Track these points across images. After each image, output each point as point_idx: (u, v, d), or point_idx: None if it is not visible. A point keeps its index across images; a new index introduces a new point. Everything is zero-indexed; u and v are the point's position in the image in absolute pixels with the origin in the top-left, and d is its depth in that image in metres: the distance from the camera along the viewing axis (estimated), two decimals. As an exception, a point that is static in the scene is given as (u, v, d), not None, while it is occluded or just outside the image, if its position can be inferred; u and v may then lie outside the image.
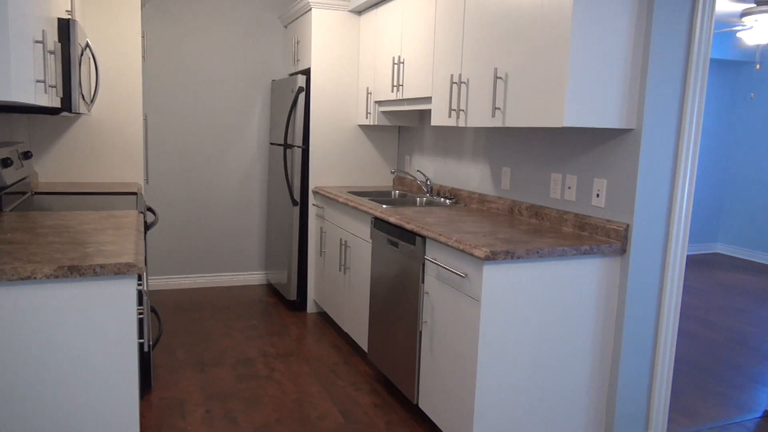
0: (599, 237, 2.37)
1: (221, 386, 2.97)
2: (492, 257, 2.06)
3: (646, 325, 2.37)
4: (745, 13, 4.30)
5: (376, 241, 3.04)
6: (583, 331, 2.31)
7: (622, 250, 2.29)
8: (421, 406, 2.61)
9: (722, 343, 3.90)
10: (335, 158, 4.11)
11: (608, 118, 2.20)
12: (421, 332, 2.59)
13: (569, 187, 2.58)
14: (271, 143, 4.64)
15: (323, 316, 4.13)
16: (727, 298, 4.99)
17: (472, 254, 2.12)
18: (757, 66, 4.65)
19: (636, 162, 2.23)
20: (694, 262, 6.35)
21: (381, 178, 4.29)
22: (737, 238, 6.71)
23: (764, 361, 3.61)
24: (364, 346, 3.27)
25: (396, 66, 3.49)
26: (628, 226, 2.27)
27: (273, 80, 4.64)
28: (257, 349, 3.48)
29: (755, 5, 4.21)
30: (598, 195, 2.42)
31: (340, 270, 3.58)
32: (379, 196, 3.87)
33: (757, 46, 5.00)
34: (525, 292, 2.18)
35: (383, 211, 2.97)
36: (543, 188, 2.76)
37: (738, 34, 4.66)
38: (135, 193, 3.12)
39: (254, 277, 4.84)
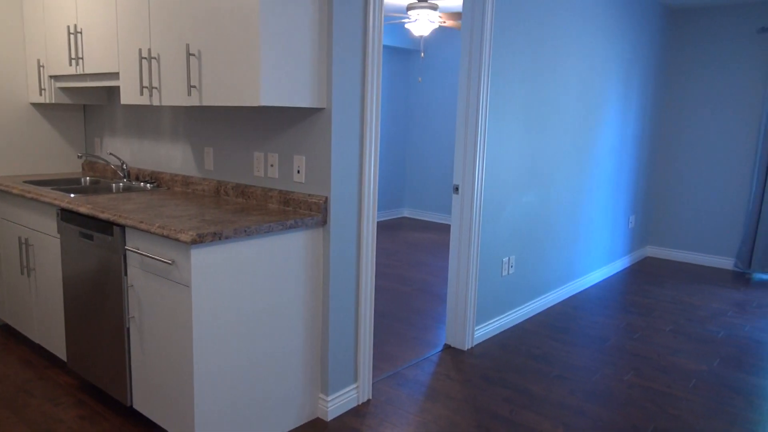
0: (302, 211, 2.51)
1: None
2: (199, 240, 2.02)
3: (348, 286, 2.61)
4: (409, 7, 4.96)
5: (66, 235, 2.69)
6: (294, 300, 2.44)
7: (323, 221, 2.47)
8: (136, 406, 2.44)
9: (411, 294, 4.54)
10: (3, 143, 3.48)
11: (302, 98, 2.33)
12: (128, 329, 2.41)
13: (272, 165, 2.66)
14: None
15: (6, 330, 3.51)
16: (413, 255, 5.81)
17: (177, 239, 2.04)
18: (422, 54, 5.41)
19: (329, 139, 2.41)
20: (385, 227, 7.21)
21: (67, 164, 3.79)
22: (419, 203, 7.82)
23: (443, 303, 4.32)
24: (63, 356, 2.89)
25: (73, 36, 3.09)
26: (326, 198, 2.46)
27: None
28: None
29: (416, 0, 4.88)
30: (298, 171, 2.55)
31: (22, 273, 3.07)
32: (67, 184, 3.42)
33: (421, 36, 5.82)
34: (236, 271, 2.19)
35: (71, 200, 2.64)
36: (247, 167, 2.79)
37: (406, 26, 5.35)
38: None
39: None
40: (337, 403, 2.64)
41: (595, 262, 4.95)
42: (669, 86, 5.79)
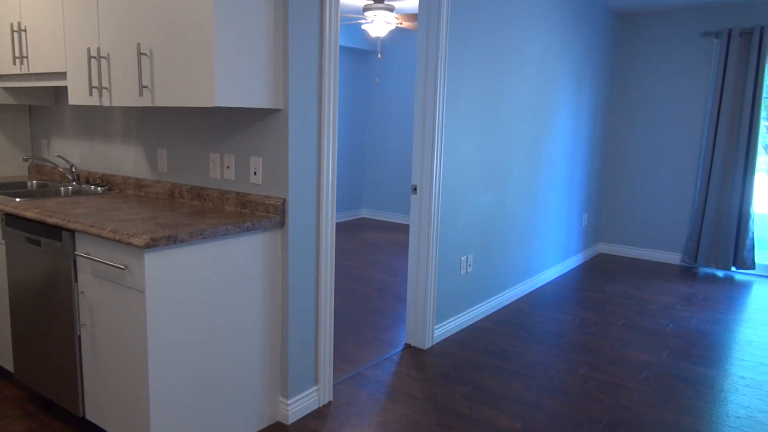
0: (260, 213, 2.49)
1: None
2: (153, 244, 1.97)
3: (307, 288, 2.60)
4: (366, 8, 4.96)
5: (11, 241, 2.59)
6: (253, 303, 2.41)
7: (282, 223, 2.45)
8: (89, 417, 2.37)
9: (371, 294, 4.55)
10: (-59, 145, 3.32)
11: (258, 99, 2.30)
12: (79, 337, 2.33)
13: (228, 167, 2.62)
14: None
15: (-54, 341, 3.35)
16: (373, 255, 5.82)
17: (130, 243, 1.99)
18: (379, 55, 5.42)
19: (286, 140, 2.39)
20: (344, 227, 7.19)
21: (12, 167, 3.64)
22: (378, 203, 7.84)
23: (402, 303, 4.34)
24: (10, 367, 2.78)
25: (17, 34, 2.98)
26: (284, 200, 2.44)
27: None
28: None
29: (373, 2, 4.89)
30: (255, 173, 2.52)
31: (-37, 282, 2.94)
32: (11, 188, 3.28)
33: (378, 37, 5.84)
34: (192, 275, 2.15)
35: (17, 205, 2.54)
36: (202, 169, 2.75)
37: (363, 26, 5.35)
38: None
39: None
40: (297, 406, 2.62)
41: (550, 260, 5.06)
42: (618, 89, 5.97)
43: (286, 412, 2.58)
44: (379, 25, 5.08)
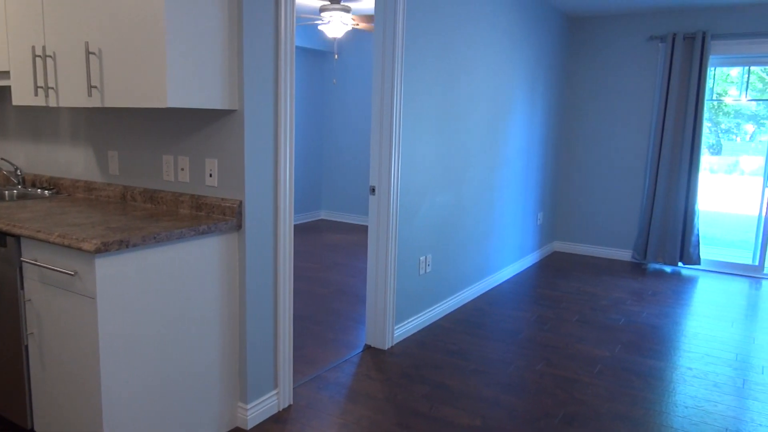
0: (216, 216, 2.45)
1: None
2: (104, 249, 1.91)
3: (265, 291, 2.57)
4: (322, 9, 4.95)
5: (-49, 248, 2.47)
6: (210, 308, 2.36)
7: (238, 226, 2.42)
8: (37, 429, 2.28)
9: (330, 296, 4.53)
10: None
11: (212, 99, 2.26)
12: (27, 346, 2.24)
13: (182, 169, 2.57)
14: None
15: None
16: (332, 257, 5.80)
17: (80, 248, 1.92)
18: (335, 56, 5.41)
19: (242, 141, 2.36)
20: (303, 229, 7.15)
21: (-50, 170, 3.47)
22: (336, 205, 7.82)
23: (361, 304, 4.34)
24: (-50, 379, 2.65)
25: (-46, 32, 2.84)
26: (241, 202, 2.40)
27: None
28: None
29: (329, 2, 4.87)
30: (211, 175, 2.48)
31: None
32: (-50, 192, 3.13)
33: (335, 38, 5.83)
34: (146, 281, 2.10)
35: (-44, 210, 2.42)
36: (156, 171, 2.68)
37: (320, 27, 5.33)
38: None
39: None
40: (257, 411, 2.59)
41: (507, 258, 5.15)
42: (570, 90, 6.13)
43: (245, 417, 2.54)
44: (335, 26, 5.07)
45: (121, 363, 2.05)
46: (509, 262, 5.21)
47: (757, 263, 5.49)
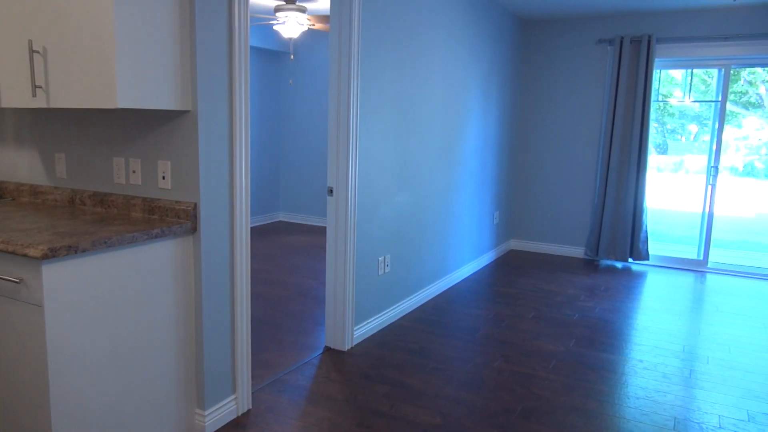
0: (170, 219, 2.39)
1: None
2: (51, 255, 1.84)
3: (222, 295, 2.53)
4: (277, 9, 4.90)
5: None
6: (164, 313, 2.31)
7: (193, 229, 2.37)
8: (-19, 444, 2.18)
9: (289, 298, 4.49)
10: None
11: (164, 100, 2.21)
12: (-31, 358, 2.14)
13: (134, 171, 2.51)
14: None
15: None
16: (290, 258, 5.75)
17: (25, 255, 1.85)
18: (291, 56, 5.37)
19: (195, 143, 2.32)
20: (260, 231, 7.06)
21: None
22: (294, 206, 7.75)
23: (321, 306, 4.32)
24: None
25: None
26: (195, 205, 2.36)
27: None
28: None
29: (284, 2, 4.83)
30: (164, 177, 2.42)
31: None
32: None
33: (291, 39, 5.78)
34: (96, 287, 2.04)
35: None
36: (106, 174, 2.60)
37: (275, 27, 5.28)
38: None
39: None
40: (214, 417, 2.54)
41: (465, 257, 5.22)
42: (524, 92, 6.25)
43: (203, 424, 2.50)
44: (291, 26, 5.03)
45: (71, 373, 1.98)
46: (467, 260, 5.28)
47: (701, 258, 5.73)
